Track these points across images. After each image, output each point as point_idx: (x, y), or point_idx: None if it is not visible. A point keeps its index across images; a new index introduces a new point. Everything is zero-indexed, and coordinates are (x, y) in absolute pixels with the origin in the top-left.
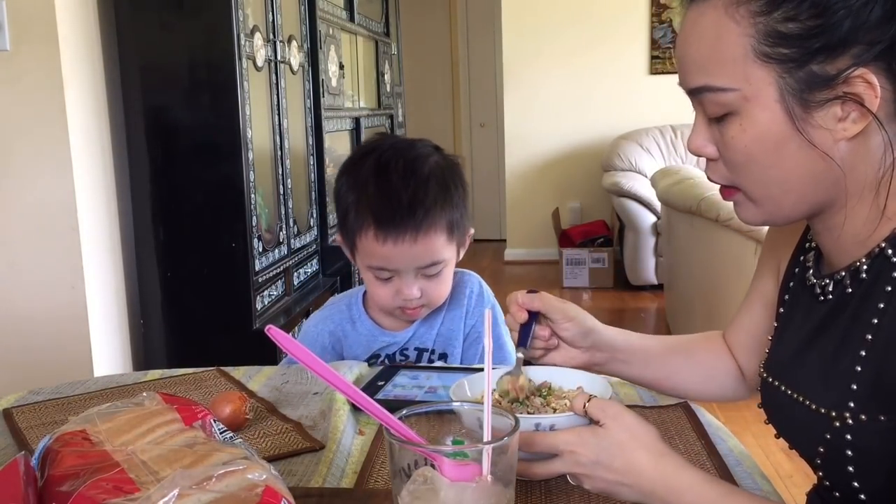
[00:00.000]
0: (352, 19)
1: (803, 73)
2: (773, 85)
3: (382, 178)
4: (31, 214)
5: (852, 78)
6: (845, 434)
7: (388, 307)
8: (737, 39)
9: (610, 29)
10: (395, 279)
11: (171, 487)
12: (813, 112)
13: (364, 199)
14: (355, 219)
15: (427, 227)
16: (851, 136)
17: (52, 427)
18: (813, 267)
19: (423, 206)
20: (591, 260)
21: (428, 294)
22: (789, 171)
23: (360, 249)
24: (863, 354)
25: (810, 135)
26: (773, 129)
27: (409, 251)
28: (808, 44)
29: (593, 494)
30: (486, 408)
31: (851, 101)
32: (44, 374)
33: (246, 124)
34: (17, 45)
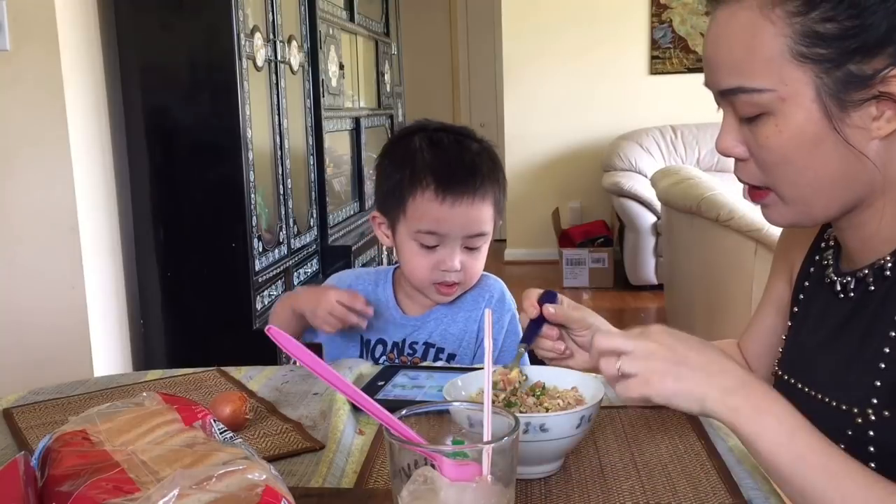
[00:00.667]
0: (352, 19)
1: (841, 73)
2: (809, 85)
3: (437, 148)
4: (31, 214)
5: (889, 77)
6: (868, 430)
7: (424, 281)
8: (773, 40)
9: (610, 29)
10: (439, 250)
11: (171, 487)
12: (850, 111)
13: (421, 164)
14: (410, 183)
15: (483, 194)
16: (885, 134)
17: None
18: (833, 265)
19: (481, 172)
20: (591, 260)
21: (466, 269)
22: (823, 171)
23: (411, 214)
24: (886, 351)
25: (846, 134)
26: (809, 129)
27: (465, 214)
28: (845, 44)
29: (593, 494)
30: (485, 408)
31: (887, 100)
32: (44, 374)
33: (246, 124)
34: (17, 45)
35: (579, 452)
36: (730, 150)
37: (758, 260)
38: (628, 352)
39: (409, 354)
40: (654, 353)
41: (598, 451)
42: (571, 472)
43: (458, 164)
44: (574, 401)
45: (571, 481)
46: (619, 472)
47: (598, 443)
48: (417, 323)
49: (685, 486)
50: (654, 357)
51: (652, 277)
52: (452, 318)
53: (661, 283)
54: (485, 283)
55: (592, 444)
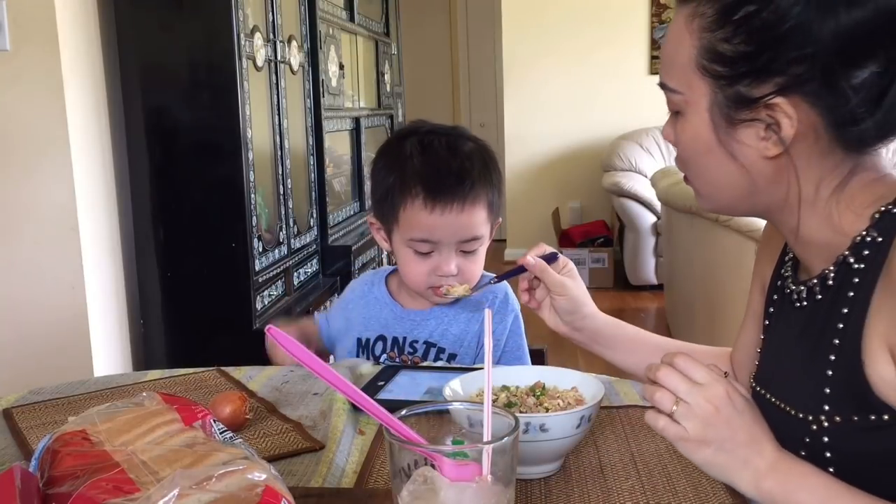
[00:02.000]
0: (352, 19)
1: (732, 91)
2: (706, 96)
3: (428, 153)
4: (31, 214)
5: (772, 104)
6: (823, 437)
7: (421, 285)
8: (687, 49)
9: (610, 29)
10: (434, 255)
11: (171, 487)
12: (737, 128)
13: (411, 171)
14: (400, 191)
15: (473, 199)
16: (772, 155)
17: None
18: (791, 275)
19: (470, 177)
20: (591, 260)
21: (463, 272)
22: (717, 176)
23: (403, 222)
24: (832, 359)
25: (733, 148)
26: (702, 136)
27: (456, 221)
28: (737, 66)
29: (593, 494)
30: (486, 408)
31: (773, 125)
32: (44, 374)
33: (246, 124)
34: (17, 45)
35: (579, 452)
36: (667, 138)
37: None
38: (687, 402)
39: (409, 353)
40: (709, 420)
41: (598, 451)
42: (571, 472)
43: (447, 170)
44: (574, 401)
45: (571, 481)
46: (619, 472)
47: (598, 443)
48: (418, 318)
49: (685, 486)
50: (707, 423)
51: (652, 277)
52: (454, 318)
53: (661, 283)
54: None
55: (592, 444)
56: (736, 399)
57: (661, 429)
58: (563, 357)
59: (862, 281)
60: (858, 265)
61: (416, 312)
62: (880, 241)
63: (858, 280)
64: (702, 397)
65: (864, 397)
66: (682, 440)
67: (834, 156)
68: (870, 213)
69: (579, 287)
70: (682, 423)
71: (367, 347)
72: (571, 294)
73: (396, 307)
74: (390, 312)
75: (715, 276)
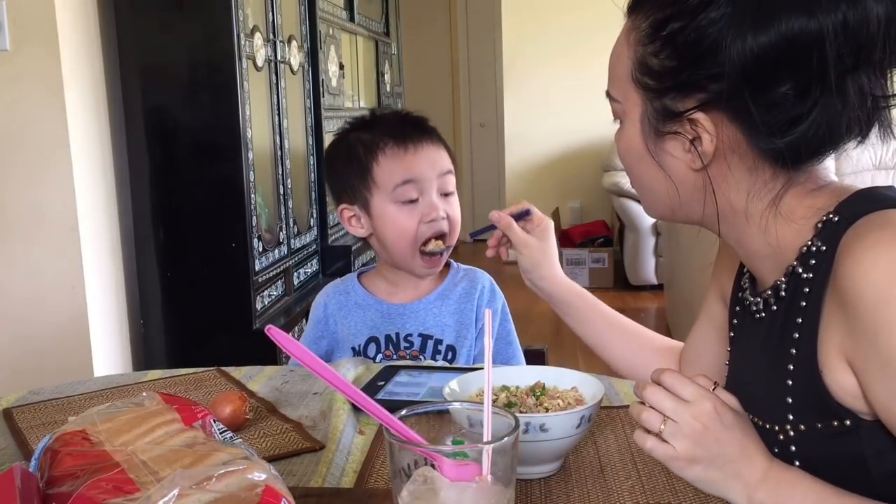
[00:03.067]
0: (352, 19)
1: (659, 104)
2: (639, 107)
3: (385, 118)
4: (32, 214)
5: (694, 118)
6: (790, 446)
7: (412, 245)
8: (625, 60)
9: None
10: (420, 203)
11: (171, 487)
12: (664, 139)
13: (371, 136)
14: (368, 154)
15: (436, 137)
16: (698, 168)
17: (52, 427)
18: (749, 287)
19: (429, 124)
20: (591, 260)
21: (449, 216)
22: (650, 185)
23: (381, 179)
24: (791, 368)
25: (661, 158)
26: (634, 145)
27: (430, 154)
28: (663, 80)
29: (593, 494)
30: (486, 408)
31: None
32: (44, 374)
33: (246, 124)
34: (17, 45)
35: (579, 452)
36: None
37: None
38: (675, 421)
39: (405, 348)
40: (698, 438)
41: (598, 451)
42: (571, 472)
43: (409, 120)
44: (574, 401)
45: (571, 481)
46: (619, 472)
47: (598, 443)
48: (407, 311)
49: (685, 486)
50: (696, 441)
51: (652, 277)
52: (445, 307)
53: (661, 283)
54: (473, 275)
55: (592, 444)
56: (724, 414)
57: (649, 449)
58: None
59: (812, 291)
60: (807, 275)
61: (404, 306)
62: (825, 250)
63: (808, 290)
64: (689, 415)
65: (826, 404)
66: (671, 459)
67: (763, 171)
68: (812, 224)
69: (544, 247)
70: (671, 441)
71: (360, 355)
72: (531, 253)
73: (382, 304)
74: (376, 311)
75: None
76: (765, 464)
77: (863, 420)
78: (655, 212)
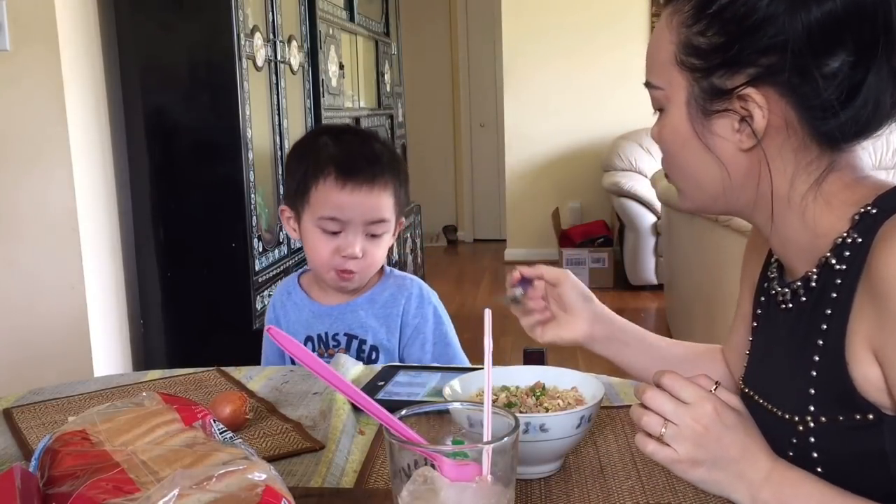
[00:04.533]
0: (352, 19)
1: (707, 83)
2: (684, 89)
3: (341, 141)
4: (31, 214)
5: (744, 94)
6: (809, 437)
7: (325, 266)
8: (667, 45)
9: (610, 29)
10: (341, 236)
11: (171, 487)
12: (712, 119)
13: (325, 155)
14: (313, 173)
15: (382, 182)
16: (746, 148)
17: (52, 427)
18: (777, 277)
19: (380, 162)
20: (591, 260)
21: (367, 255)
22: (695, 170)
23: (315, 201)
24: (816, 359)
25: (709, 140)
26: (680, 130)
27: (365, 201)
28: (711, 58)
29: (593, 494)
30: (486, 408)
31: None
32: (44, 374)
33: (246, 124)
34: (17, 45)
35: (579, 452)
36: (652, 136)
37: None
38: (675, 424)
39: (333, 346)
40: (699, 440)
41: (598, 451)
42: (571, 472)
43: (358, 153)
44: (574, 401)
45: (571, 481)
46: (619, 472)
47: (598, 443)
48: (335, 312)
49: (685, 486)
50: (697, 443)
51: (652, 277)
52: (370, 310)
53: (661, 283)
54: (402, 282)
55: (592, 444)
56: (725, 415)
57: (650, 453)
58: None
59: (844, 282)
60: (840, 266)
61: (334, 307)
62: (860, 241)
63: (840, 281)
64: (689, 417)
65: (849, 397)
66: (674, 462)
67: (809, 152)
68: (850, 215)
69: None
70: (672, 445)
71: None
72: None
73: (315, 305)
74: (309, 312)
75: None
76: (768, 463)
77: (885, 415)
78: (696, 201)
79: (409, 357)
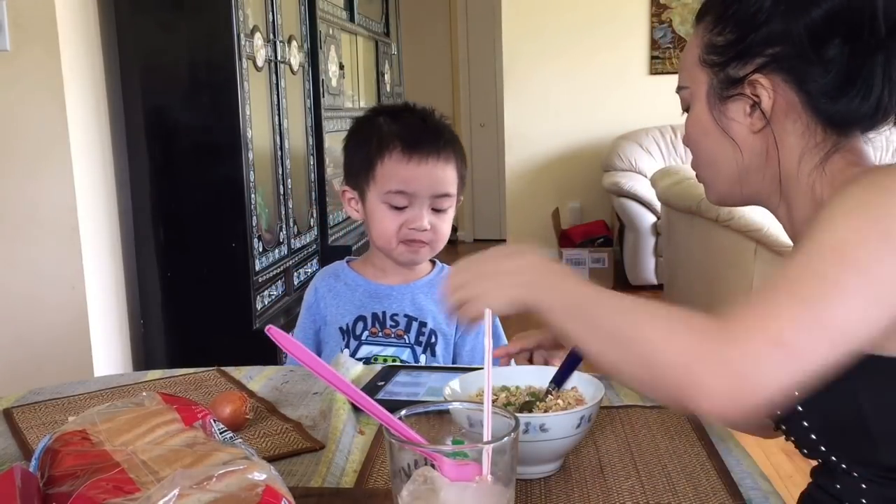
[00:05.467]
0: (352, 19)
1: (724, 74)
2: (705, 83)
3: (403, 118)
4: (31, 214)
5: (753, 80)
6: (797, 406)
7: (393, 240)
8: (693, 49)
9: (610, 29)
10: (407, 211)
11: (171, 487)
12: (727, 104)
13: (387, 131)
14: (378, 149)
15: (445, 155)
16: (758, 129)
17: (52, 427)
18: None
19: (444, 137)
20: (591, 260)
21: (435, 229)
22: (714, 156)
23: (380, 177)
24: None
25: (725, 125)
26: (701, 119)
27: (431, 173)
28: (728, 52)
29: (593, 494)
30: (486, 408)
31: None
32: (44, 374)
33: (246, 124)
34: (17, 45)
35: (579, 452)
36: (682, 140)
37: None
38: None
39: (391, 327)
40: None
41: (598, 451)
42: (571, 472)
43: (423, 128)
44: (574, 401)
45: (571, 481)
46: (619, 472)
47: (598, 443)
48: (394, 293)
49: (685, 486)
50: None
51: (652, 277)
52: (430, 294)
53: (661, 283)
54: None
55: (592, 444)
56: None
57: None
58: None
59: None
60: None
61: (392, 287)
62: None
63: None
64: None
65: None
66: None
67: (815, 134)
68: None
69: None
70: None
71: (349, 332)
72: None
73: (370, 284)
74: (364, 291)
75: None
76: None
77: None
78: (719, 189)
79: (462, 346)
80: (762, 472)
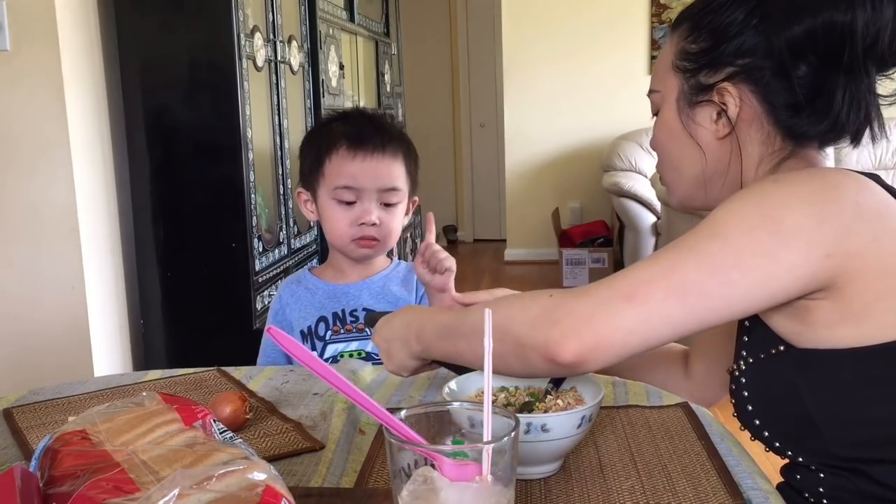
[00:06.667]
0: (352, 19)
1: (694, 80)
2: (676, 88)
3: (352, 118)
4: (31, 214)
5: (722, 88)
6: (741, 378)
7: (345, 237)
8: (667, 55)
9: (610, 29)
10: (357, 206)
11: (171, 487)
12: (695, 109)
13: (335, 132)
14: (326, 148)
15: (391, 151)
16: (723, 135)
17: (52, 427)
18: None
19: (389, 132)
20: (591, 260)
21: (384, 224)
22: (679, 158)
23: (328, 174)
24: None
25: (692, 129)
26: (669, 122)
27: (377, 167)
28: (699, 60)
29: (593, 494)
30: (486, 408)
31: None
32: (44, 374)
33: (246, 124)
34: (17, 45)
35: (579, 452)
36: (650, 144)
37: None
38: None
39: (351, 322)
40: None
41: (598, 451)
42: (571, 472)
43: (368, 124)
44: (574, 401)
45: (571, 481)
46: (619, 472)
47: (598, 443)
48: (351, 290)
49: (685, 486)
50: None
51: None
52: (387, 287)
53: None
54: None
55: (592, 444)
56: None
57: None
58: None
59: None
60: None
61: (349, 285)
62: None
63: None
64: None
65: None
66: None
67: (773, 142)
68: None
69: None
70: None
71: (311, 335)
72: None
73: (329, 286)
74: (324, 293)
75: None
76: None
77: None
78: (681, 192)
79: None
80: (762, 472)
